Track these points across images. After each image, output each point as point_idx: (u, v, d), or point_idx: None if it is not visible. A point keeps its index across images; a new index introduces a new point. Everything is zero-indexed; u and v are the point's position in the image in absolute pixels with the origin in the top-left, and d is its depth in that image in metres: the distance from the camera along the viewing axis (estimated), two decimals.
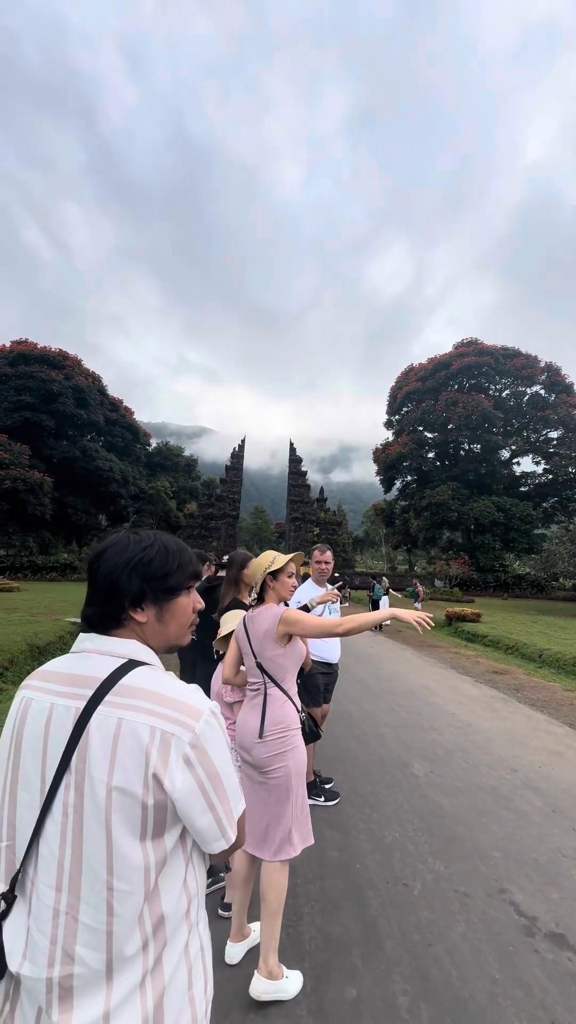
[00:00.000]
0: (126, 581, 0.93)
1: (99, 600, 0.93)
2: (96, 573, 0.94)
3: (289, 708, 2.14)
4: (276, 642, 2.10)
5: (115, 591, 0.93)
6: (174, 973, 0.83)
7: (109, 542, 0.97)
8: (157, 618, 0.97)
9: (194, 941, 0.89)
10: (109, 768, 0.79)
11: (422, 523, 40.42)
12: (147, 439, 56.19)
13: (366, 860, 2.92)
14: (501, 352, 43.23)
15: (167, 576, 0.98)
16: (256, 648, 2.14)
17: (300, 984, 2.00)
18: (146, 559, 0.96)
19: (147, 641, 0.96)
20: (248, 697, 2.21)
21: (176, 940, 0.85)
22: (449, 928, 2.38)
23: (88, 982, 0.76)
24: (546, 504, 40.96)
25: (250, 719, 2.13)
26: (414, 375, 46.59)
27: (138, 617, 0.95)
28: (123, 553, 0.95)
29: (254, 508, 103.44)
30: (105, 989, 0.77)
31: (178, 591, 1.00)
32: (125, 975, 0.78)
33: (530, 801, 3.79)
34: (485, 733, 5.42)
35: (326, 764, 4.25)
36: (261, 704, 2.12)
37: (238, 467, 42.52)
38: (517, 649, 11.59)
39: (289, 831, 2.04)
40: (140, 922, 0.80)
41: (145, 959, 0.80)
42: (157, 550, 0.98)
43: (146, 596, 0.95)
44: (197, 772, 0.84)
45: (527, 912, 2.53)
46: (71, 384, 42.57)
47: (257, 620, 2.16)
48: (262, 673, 2.14)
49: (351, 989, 2.02)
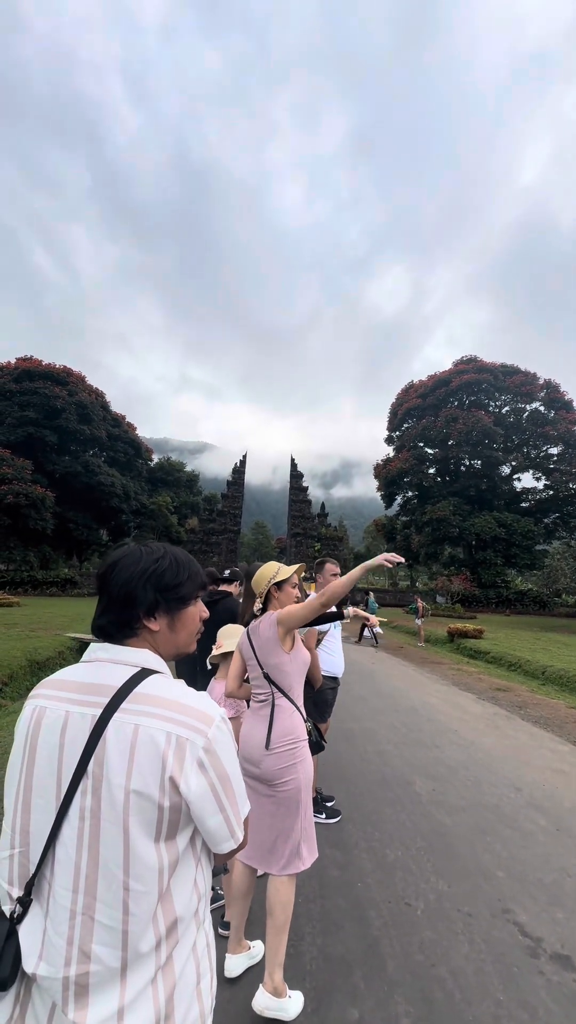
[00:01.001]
0: (141, 591, 0.97)
1: (115, 609, 0.97)
2: (110, 584, 0.97)
3: (297, 718, 2.13)
4: (279, 647, 2.11)
5: (130, 601, 0.97)
6: (183, 969, 0.87)
7: (121, 554, 1.01)
8: (169, 627, 1.02)
9: (201, 938, 0.93)
10: (127, 772, 0.83)
11: (423, 539, 40.37)
12: (149, 455, 56.52)
13: (368, 879, 2.88)
14: (500, 369, 43.68)
15: (179, 586, 1.02)
16: (261, 658, 2.15)
17: (301, 1005, 1.97)
18: (159, 570, 1.00)
19: (158, 649, 1.00)
20: (253, 709, 2.21)
21: (186, 938, 0.88)
22: (452, 948, 2.35)
23: (104, 979, 0.79)
24: (547, 520, 40.93)
25: (256, 731, 2.12)
26: (414, 392, 47.02)
27: (152, 626, 0.99)
28: (137, 564, 0.99)
29: (255, 523, 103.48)
30: (119, 986, 0.80)
31: (188, 600, 1.05)
32: (138, 972, 0.81)
33: (534, 820, 3.74)
34: (488, 751, 5.36)
35: (328, 782, 4.21)
36: (268, 715, 2.11)
37: (239, 482, 42.70)
38: (520, 666, 11.49)
39: (298, 844, 2.03)
40: (154, 921, 0.83)
41: (158, 956, 0.84)
42: (169, 562, 1.02)
43: (159, 606, 1.00)
44: (210, 775, 0.88)
45: (531, 933, 2.49)
46: (74, 400, 43.01)
47: (260, 629, 2.18)
48: (269, 683, 2.14)
49: (353, 1010, 1.99)
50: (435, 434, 42.23)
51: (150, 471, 57.91)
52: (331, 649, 3.74)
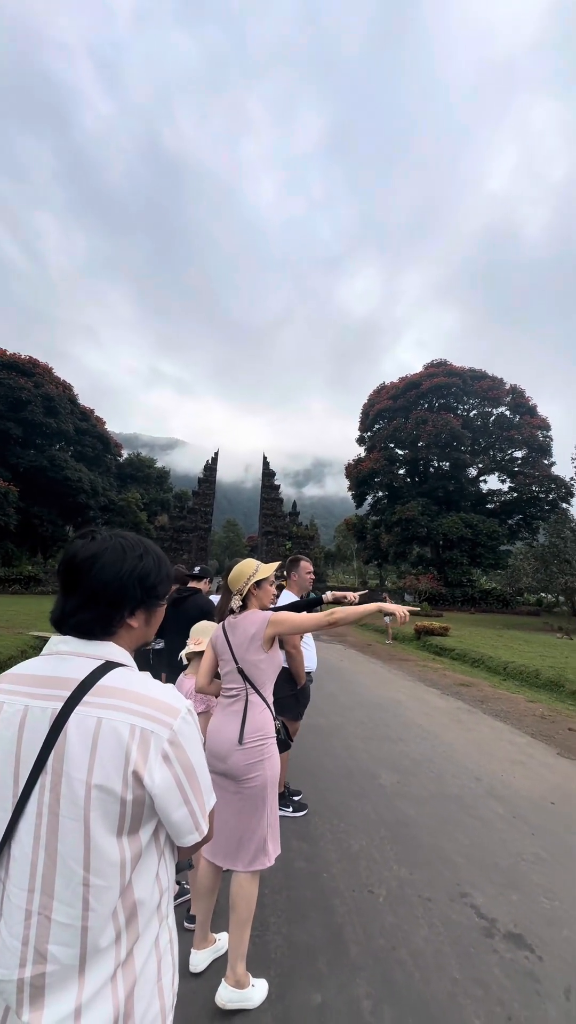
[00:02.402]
0: (131, 590, 0.96)
1: (99, 607, 0.94)
2: (91, 579, 0.93)
3: (268, 716, 2.16)
4: (261, 647, 2.12)
5: (118, 600, 0.95)
6: (144, 965, 0.86)
7: (100, 547, 0.96)
8: (146, 622, 1.02)
9: (164, 934, 0.92)
10: (89, 767, 0.82)
11: (392, 538, 41.02)
12: (118, 450, 55.35)
13: (333, 869, 2.95)
14: (469, 374, 44.77)
15: (159, 585, 1.02)
16: (238, 654, 2.16)
17: (265, 993, 2.01)
18: (145, 569, 0.99)
19: (127, 643, 0.99)
20: (224, 704, 2.22)
21: (148, 933, 0.88)
22: (412, 932, 2.44)
23: (60, 979, 0.78)
24: (511, 521, 42.25)
25: (227, 726, 2.13)
26: (386, 393, 47.68)
27: (132, 623, 0.98)
28: (122, 561, 0.96)
29: (226, 521, 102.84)
30: (77, 984, 0.79)
31: (164, 597, 1.06)
32: (97, 969, 0.80)
33: (493, 809, 3.90)
34: (451, 744, 5.53)
35: (295, 776, 4.26)
36: (241, 711, 2.12)
37: (211, 480, 42.35)
38: (483, 662, 11.86)
39: (264, 841, 2.05)
40: (114, 916, 0.83)
41: (117, 952, 0.83)
42: (153, 560, 1.02)
43: (142, 604, 0.99)
44: (175, 768, 0.88)
45: (487, 914, 2.60)
46: (41, 392, 41.69)
47: (241, 625, 2.19)
48: (243, 679, 2.15)
49: (316, 995, 2.04)
50: (405, 435, 42.95)
51: (119, 467, 56.71)
52: (306, 644, 3.79)
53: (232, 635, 2.21)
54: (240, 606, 2.27)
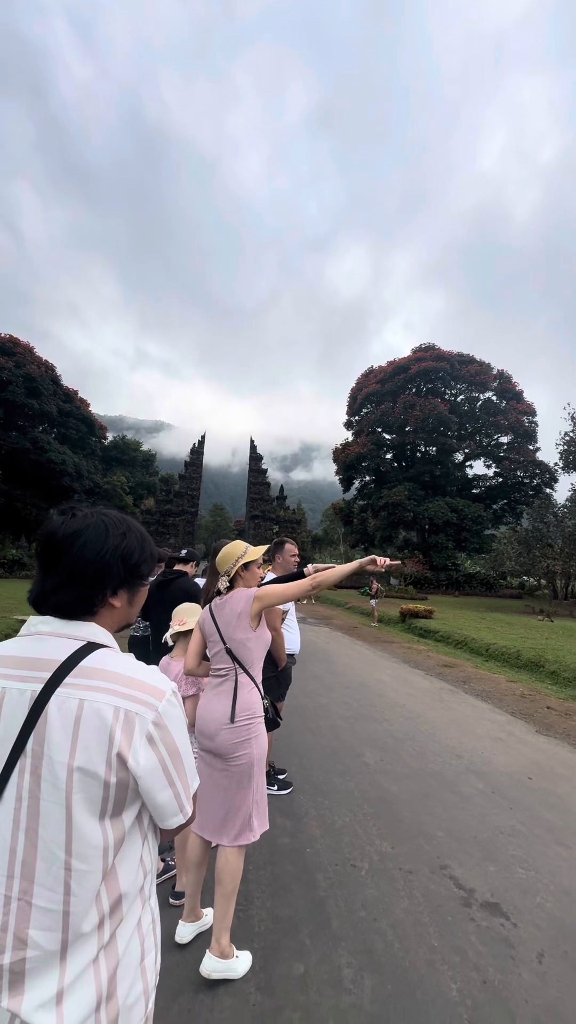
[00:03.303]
0: (115, 569, 0.93)
1: (81, 586, 0.91)
2: (72, 557, 0.90)
3: (256, 695, 2.17)
4: (248, 624, 2.13)
5: (101, 579, 0.92)
6: (128, 947, 0.86)
7: (81, 524, 0.93)
8: (129, 602, 1.00)
9: (147, 915, 0.92)
10: (71, 750, 0.80)
11: (379, 522, 41.28)
12: (103, 432, 54.49)
13: (316, 844, 3.01)
14: (457, 358, 44.74)
15: (142, 564, 1.00)
16: (226, 633, 2.16)
17: (249, 964, 2.05)
18: (128, 547, 0.96)
19: (109, 624, 0.97)
20: (212, 684, 2.23)
21: (131, 915, 0.87)
22: (393, 904, 2.50)
23: (41, 964, 0.77)
24: (496, 506, 42.78)
25: (216, 705, 2.14)
26: (374, 377, 47.49)
27: (115, 603, 0.96)
28: (105, 539, 0.93)
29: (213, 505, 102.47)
30: (58, 968, 0.78)
31: (148, 578, 1.04)
32: (79, 953, 0.80)
33: (473, 784, 4.00)
34: (433, 723, 5.65)
35: (280, 755, 4.32)
36: (231, 690, 2.14)
37: (197, 463, 42.00)
38: (466, 644, 12.09)
39: (249, 817, 2.08)
40: (97, 900, 0.82)
41: (100, 935, 0.82)
42: (136, 538, 0.99)
43: (124, 583, 0.97)
44: (160, 750, 0.87)
45: (465, 885, 2.69)
46: (22, 372, 40.66)
47: (228, 605, 2.19)
48: (231, 659, 2.16)
49: (299, 965, 2.09)
50: (393, 420, 42.94)
51: (104, 450, 55.90)
52: (290, 627, 3.80)
53: (219, 616, 2.21)
54: (227, 587, 2.26)
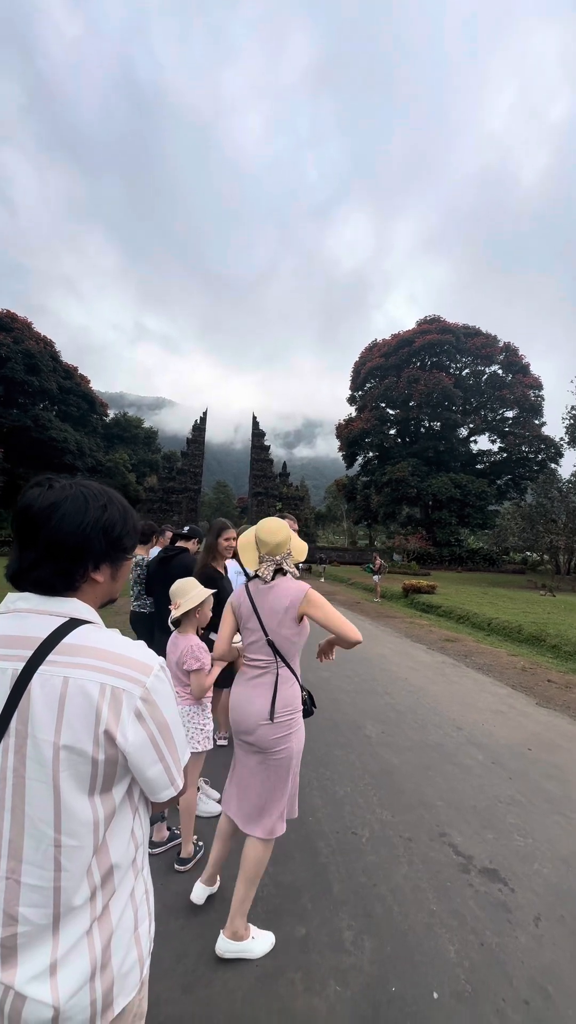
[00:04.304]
0: (95, 542, 0.90)
1: (60, 560, 0.88)
2: (51, 530, 0.86)
3: (296, 689, 2.07)
4: (294, 620, 2.01)
5: (81, 553, 0.89)
6: (121, 917, 0.87)
7: (60, 496, 0.88)
8: (112, 577, 0.97)
9: (139, 886, 0.93)
10: (56, 728, 0.79)
11: (382, 499, 41.23)
12: (104, 409, 54.14)
13: (318, 814, 3.07)
14: (463, 331, 43.85)
15: (124, 537, 0.96)
16: (269, 624, 2.03)
17: (269, 945, 2.02)
18: (109, 520, 0.92)
19: (91, 600, 0.94)
20: (249, 675, 2.10)
21: (124, 887, 0.88)
22: (393, 870, 2.56)
23: (33, 938, 0.78)
24: (500, 481, 42.57)
25: (254, 699, 2.03)
26: (377, 351, 46.70)
27: (96, 578, 0.93)
28: (85, 512, 0.89)
29: (216, 483, 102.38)
30: (51, 941, 0.79)
31: (131, 552, 1.00)
32: (72, 925, 0.80)
33: (473, 756, 4.06)
34: (435, 696, 5.72)
35: None
36: (270, 684, 2.02)
37: (199, 440, 41.77)
38: (468, 619, 12.18)
39: (284, 811, 2.05)
40: (89, 874, 0.82)
41: (93, 908, 0.83)
42: (117, 510, 0.95)
43: (106, 558, 0.93)
44: (148, 725, 0.86)
45: (464, 852, 2.74)
46: (20, 348, 40.19)
47: (272, 595, 2.04)
48: (273, 652, 2.04)
49: (300, 928, 2.14)
50: (397, 395, 42.40)
51: (105, 427, 55.63)
52: None
53: (260, 603, 2.06)
54: (272, 575, 2.08)
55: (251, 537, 2.15)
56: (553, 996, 1.87)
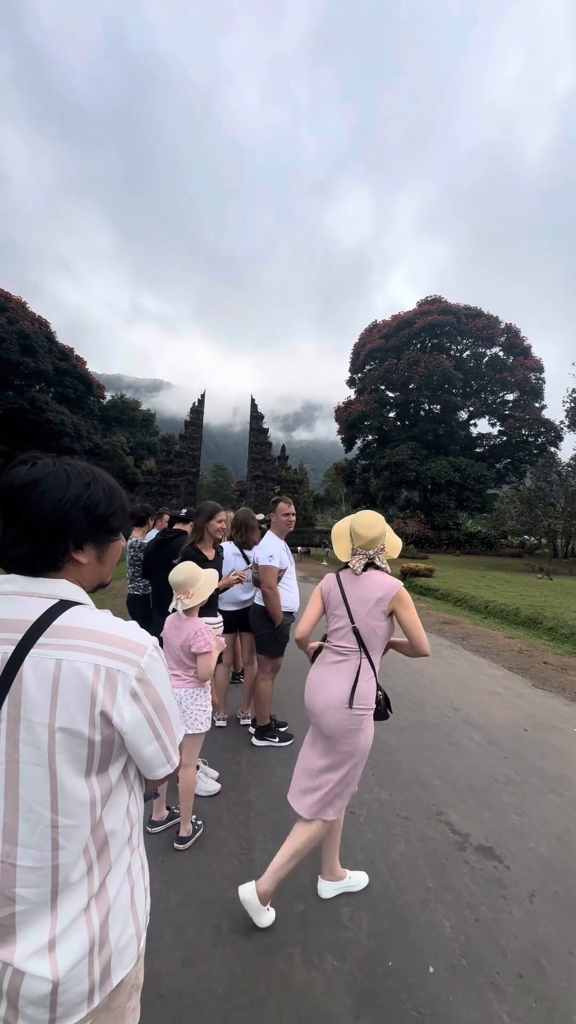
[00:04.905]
0: (75, 521, 0.87)
1: (39, 539, 0.85)
2: (31, 507, 0.84)
3: (373, 685, 2.09)
4: (382, 613, 2.03)
5: (60, 531, 0.86)
6: (118, 893, 0.88)
7: (41, 472, 0.86)
8: (98, 558, 0.94)
9: (136, 862, 0.95)
10: (51, 710, 0.78)
11: (381, 482, 41.11)
12: (101, 391, 53.55)
13: None
14: (464, 312, 43.20)
15: (111, 517, 0.93)
16: (357, 612, 2.06)
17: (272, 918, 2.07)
18: (93, 498, 0.89)
19: (79, 581, 0.92)
20: (330, 660, 2.14)
21: (120, 863, 0.89)
22: (390, 847, 2.60)
23: (30, 916, 0.79)
24: (499, 465, 42.42)
25: (331, 683, 2.07)
26: (377, 332, 46.07)
27: (80, 558, 0.90)
28: (66, 489, 0.86)
29: (215, 466, 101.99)
30: (49, 919, 0.80)
31: (118, 533, 0.97)
32: (70, 902, 0.81)
33: (469, 736, 4.10)
34: (432, 677, 5.76)
35: (282, 710, 4.42)
36: (351, 673, 2.05)
37: (198, 423, 41.45)
38: (465, 601, 12.25)
39: (332, 798, 2.06)
40: (85, 852, 0.83)
41: (90, 884, 0.84)
42: (102, 489, 0.92)
43: (90, 537, 0.91)
44: (144, 705, 0.86)
45: (460, 830, 2.78)
46: (15, 329, 39.53)
47: (363, 585, 2.07)
48: (357, 641, 2.07)
49: (299, 904, 2.18)
50: (396, 377, 41.97)
51: (103, 409, 55.12)
52: (289, 585, 3.80)
53: (350, 591, 2.09)
54: (364, 566, 2.10)
55: (346, 528, 2.17)
56: (546, 969, 1.91)
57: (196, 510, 3.43)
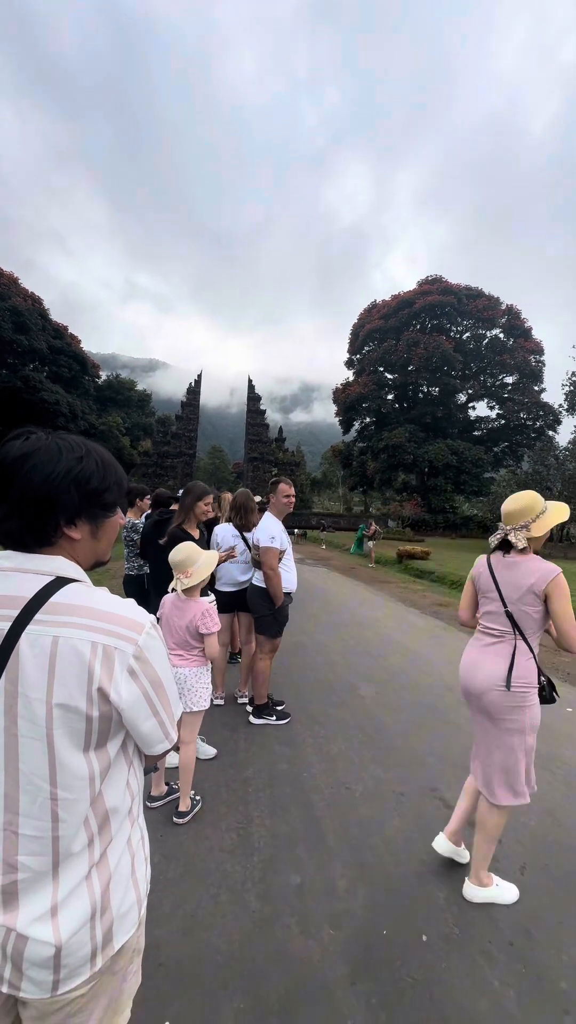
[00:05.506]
0: (65, 495, 0.84)
1: (29, 513, 0.83)
2: (21, 481, 0.82)
3: (533, 665, 2.06)
4: (536, 598, 2.00)
5: (50, 505, 0.84)
6: (119, 863, 0.90)
7: (32, 446, 0.84)
8: (91, 535, 0.92)
9: (136, 833, 0.97)
10: (48, 687, 0.78)
11: (378, 465, 41.07)
12: (96, 371, 52.86)
13: (313, 769, 3.15)
14: (464, 292, 42.58)
15: (105, 492, 0.91)
16: (509, 597, 2.04)
17: (515, 895, 2.16)
18: (85, 472, 0.87)
19: (76, 558, 0.91)
20: (484, 642, 2.16)
21: (120, 835, 0.91)
22: (385, 822, 2.65)
23: (32, 883, 0.81)
24: (497, 448, 42.38)
25: (487, 664, 2.09)
26: (377, 312, 45.44)
27: (72, 534, 0.88)
28: (56, 462, 0.84)
29: (211, 447, 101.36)
30: (51, 886, 0.82)
31: (113, 509, 0.95)
32: (71, 871, 0.83)
33: (463, 715, 4.15)
34: (427, 658, 5.83)
35: (279, 689, 4.47)
36: (504, 654, 2.06)
37: (194, 404, 41.06)
38: (461, 584, 12.33)
39: (504, 779, 2.09)
40: (86, 824, 0.84)
41: (91, 854, 0.86)
42: (95, 463, 0.89)
43: (82, 513, 0.88)
44: (142, 682, 0.86)
45: (454, 806, 2.83)
46: (8, 305, 38.78)
47: (519, 571, 2.03)
48: (511, 624, 2.06)
49: (296, 877, 2.23)
50: (396, 358, 41.56)
51: (98, 389, 54.49)
52: (287, 566, 3.79)
53: (501, 575, 2.08)
54: (523, 548, 2.07)
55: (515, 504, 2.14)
56: (536, 937, 1.97)
57: (185, 490, 3.39)
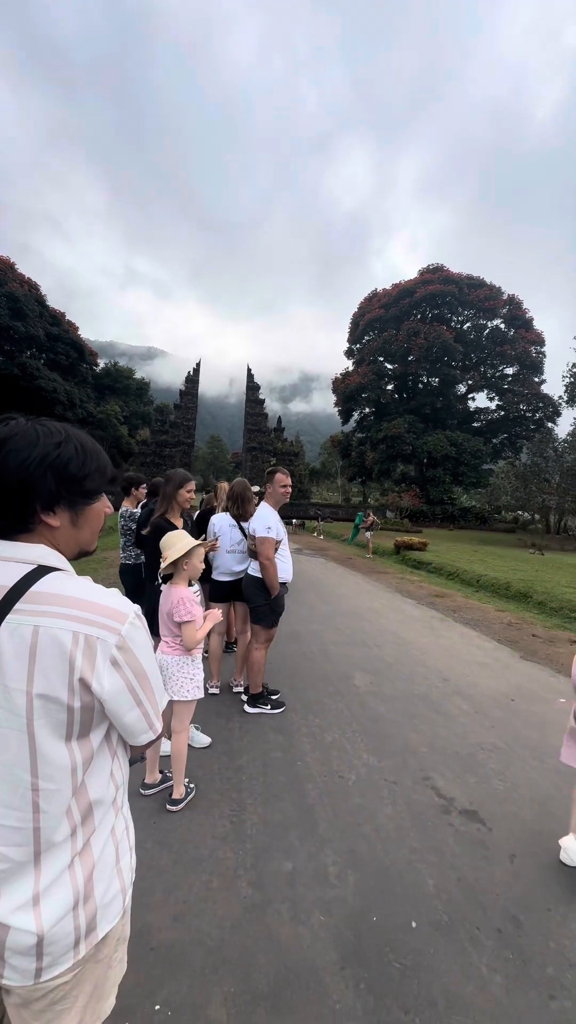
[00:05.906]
0: (40, 481, 0.82)
1: (5, 499, 0.82)
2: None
3: None
4: None
5: (24, 491, 0.82)
6: (102, 852, 0.90)
7: (9, 431, 0.82)
8: (72, 523, 0.90)
9: (120, 823, 0.96)
10: (28, 677, 0.77)
11: (377, 456, 40.97)
12: (94, 359, 52.38)
13: (307, 758, 3.17)
14: (466, 281, 42.20)
15: (85, 479, 0.88)
16: None
17: None
18: (62, 458, 0.84)
19: (57, 546, 0.89)
20: None
21: (104, 824, 0.91)
22: (377, 810, 2.67)
23: (13, 873, 0.80)
24: (496, 440, 42.30)
25: None
26: (377, 302, 45.04)
27: (51, 521, 0.86)
28: (33, 447, 0.82)
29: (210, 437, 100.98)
30: (33, 875, 0.81)
31: (94, 496, 0.93)
32: (53, 860, 0.83)
33: (457, 705, 4.19)
34: (423, 648, 5.85)
35: (274, 678, 4.48)
36: None
37: (193, 392, 40.82)
38: (457, 575, 12.38)
39: None
40: (68, 814, 0.84)
41: (74, 844, 0.85)
42: (74, 448, 0.86)
43: (60, 499, 0.86)
44: (125, 673, 0.85)
45: (446, 794, 2.86)
46: (4, 291, 38.30)
47: None
48: None
49: (287, 863, 2.24)
50: (396, 348, 41.28)
51: (96, 377, 54.03)
52: (283, 556, 3.78)
53: None
54: None
55: None
56: (524, 924, 1.99)
57: (165, 478, 3.34)
